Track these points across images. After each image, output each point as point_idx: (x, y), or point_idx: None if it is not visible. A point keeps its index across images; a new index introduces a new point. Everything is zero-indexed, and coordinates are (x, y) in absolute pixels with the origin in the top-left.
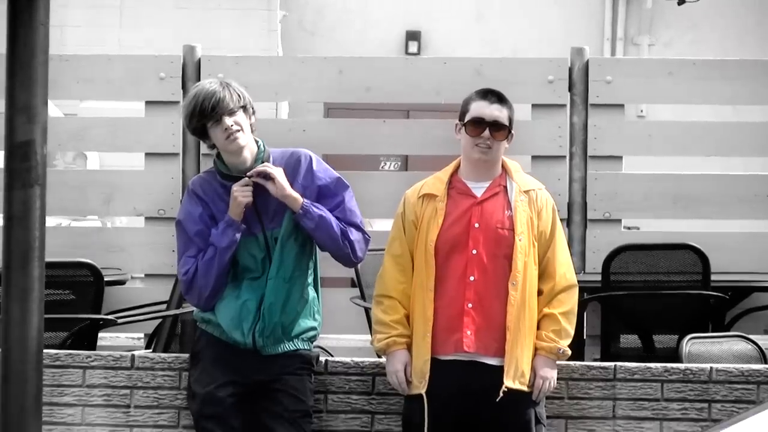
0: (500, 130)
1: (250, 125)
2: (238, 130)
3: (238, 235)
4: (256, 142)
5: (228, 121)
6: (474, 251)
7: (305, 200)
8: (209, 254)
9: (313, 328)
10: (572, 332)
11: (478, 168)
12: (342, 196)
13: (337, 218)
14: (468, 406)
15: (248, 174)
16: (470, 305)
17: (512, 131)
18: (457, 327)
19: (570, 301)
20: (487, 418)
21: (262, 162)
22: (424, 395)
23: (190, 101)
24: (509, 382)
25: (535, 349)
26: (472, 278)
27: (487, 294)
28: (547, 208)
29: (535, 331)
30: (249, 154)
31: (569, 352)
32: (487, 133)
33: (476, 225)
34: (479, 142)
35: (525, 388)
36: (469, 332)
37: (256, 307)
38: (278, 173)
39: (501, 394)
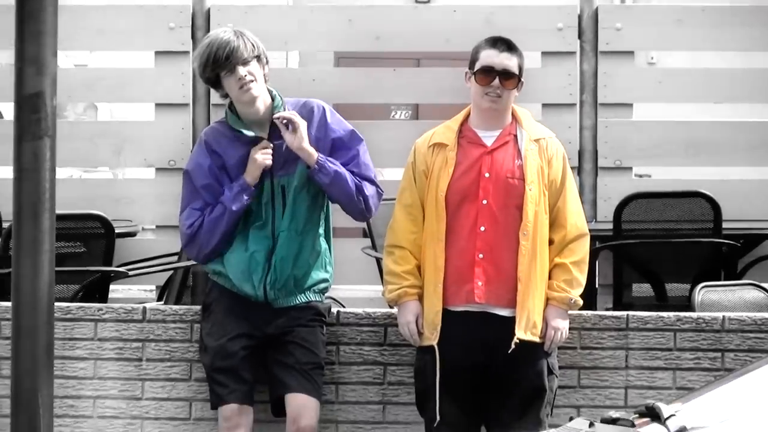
0: (510, 78)
1: (264, 75)
2: (252, 81)
3: (248, 200)
4: (270, 92)
5: (242, 70)
6: (484, 201)
7: (320, 155)
8: (217, 212)
9: (325, 280)
10: (584, 282)
11: (488, 117)
12: (356, 149)
13: (351, 172)
14: (480, 358)
15: (274, 117)
16: (481, 256)
17: (522, 80)
18: (467, 278)
19: (581, 250)
20: (499, 370)
21: (318, 114)
22: (436, 346)
23: (203, 50)
24: (521, 333)
25: (547, 299)
26: (482, 228)
27: (498, 244)
28: (557, 156)
29: (547, 281)
30: (262, 104)
31: (581, 302)
32: (496, 81)
33: (486, 174)
34: (489, 91)
35: (537, 339)
36: (480, 283)
37: (265, 258)
38: (302, 125)
39: (513, 346)
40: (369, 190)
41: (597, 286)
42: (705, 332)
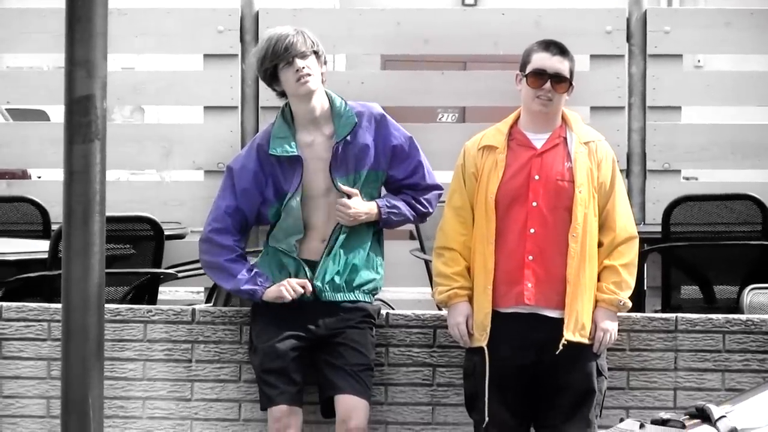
0: (561, 82)
1: (321, 74)
2: (309, 74)
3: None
4: (329, 96)
5: (300, 62)
6: (534, 203)
7: (380, 206)
8: (227, 271)
9: (375, 281)
10: (633, 284)
11: (538, 119)
12: (417, 159)
13: (417, 185)
14: (529, 359)
15: (338, 187)
16: (531, 258)
17: (573, 83)
18: (517, 279)
19: (630, 252)
20: (548, 371)
21: (352, 122)
22: (485, 348)
23: (262, 44)
24: (569, 335)
25: (596, 302)
26: (532, 230)
27: (548, 246)
28: (607, 159)
29: (596, 284)
30: (318, 103)
31: (630, 304)
32: (548, 85)
33: (536, 177)
34: (540, 94)
35: (586, 341)
36: (529, 284)
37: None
38: (355, 204)
39: (561, 347)
40: (433, 201)
41: (645, 288)
42: (754, 334)
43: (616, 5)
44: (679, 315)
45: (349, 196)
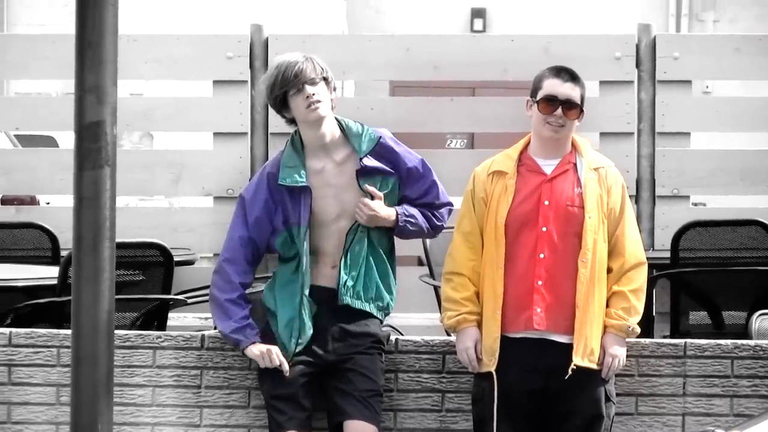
0: (573, 108)
1: (331, 100)
2: (319, 101)
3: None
4: (340, 123)
5: (309, 89)
6: (544, 228)
7: (400, 216)
8: (220, 311)
9: (386, 298)
10: (641, 310)
11: (548, 145)
12: (431, 178)
13: (432, 204)
14: (538, 384)
15: (365, 187)
16: (540, 283)
17: (584, 110)
18: (527, 304)
19: (639, 278)
20: (556, 396)
21: (375, 138)
22: (494, 373)
23: (272, 72)
24: (578, 360)
25: (605, 327)
26: (542, 255)
27: (557, 271)
28: (616, 185)
29: (605, 309)
30: (328, 129)
31: (638, 329)
32: (559, 111)
33: (546, 202)
34: (551, 120)
35: (594, 366)
36: (539, 310)
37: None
38: (376, 206)
39: (570, 372)
40: (445, 216)
41: (654, 313)
42: (762, 359)
43: (625, 31)
44: (688, 340)
45: (372, 198)
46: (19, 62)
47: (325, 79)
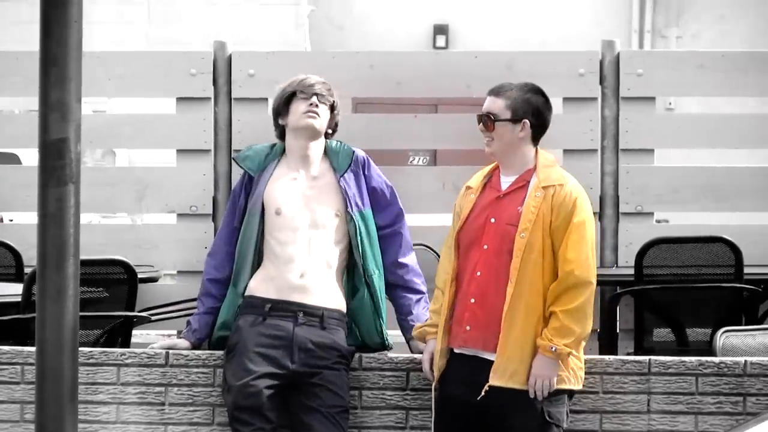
0: (489, 122)
1: (327, 128)
2: (318, 114)
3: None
4: (326, 146)
5: (315, 100)
6: (485, 246)
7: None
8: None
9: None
10: (578, 330)
11: (500, 162)
12: (399, 206)
13: (398, 234)
14: (471, 400)
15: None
16: (473, 300)
17: (508, 120)
18: (463, 321)
19: (575, 298)
20: (495, 413)
21: (350, 151)
22: (434, 386)
23: (293, 78)
24: (496, 380)
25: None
26: (478, 273)
27: (489, 289)
28: (565, 204)
29: (539, 329)
30: (315, 146)
31: (566, 350)
32: (481, 126)
33: (492, 220)
34: (484, 137)
35: (519, 387)
36: (467, 327)
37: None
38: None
39: (483, 393)
40: (415, 265)
41: (618, 331)
42: (727, 377)
43: (588, 48)
44: (652, 357)
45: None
46: None
47: (332, 106)
